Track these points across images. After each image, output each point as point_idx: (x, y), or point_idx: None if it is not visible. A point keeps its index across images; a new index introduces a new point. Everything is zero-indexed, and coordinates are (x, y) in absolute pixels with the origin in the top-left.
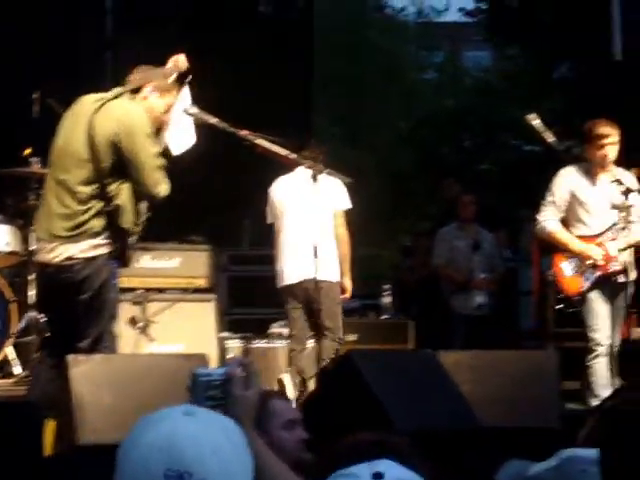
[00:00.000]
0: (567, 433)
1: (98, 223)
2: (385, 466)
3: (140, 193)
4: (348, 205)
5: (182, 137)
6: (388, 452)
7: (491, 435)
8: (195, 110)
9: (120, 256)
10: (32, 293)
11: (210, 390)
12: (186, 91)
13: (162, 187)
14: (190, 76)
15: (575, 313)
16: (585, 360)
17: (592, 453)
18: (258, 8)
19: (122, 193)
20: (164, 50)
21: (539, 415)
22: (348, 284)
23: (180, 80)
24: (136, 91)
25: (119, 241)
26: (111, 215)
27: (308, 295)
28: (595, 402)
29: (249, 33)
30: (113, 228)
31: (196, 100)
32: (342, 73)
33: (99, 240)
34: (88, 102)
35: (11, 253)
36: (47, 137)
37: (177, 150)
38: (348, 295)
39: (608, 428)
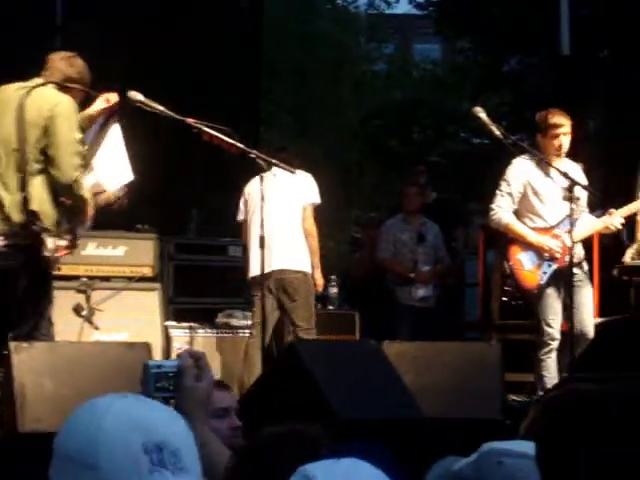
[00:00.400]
0: (510, 425)
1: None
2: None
3: (56, 182)
4: (317, 200)
5: (116, 172)
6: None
7: (433, 426)
8: (141, 98)
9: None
10: None
11: (161, 381)
12: (117, 128)
13: (76, 173)
14: (119, 114)
15: (519, 306)
16: (538, 354)
17: (513, 445)
18: None
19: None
20: (112, 36)
21: (482, 406)
22: (319, 277)
23: (111, 116)
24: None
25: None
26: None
27: (279, 287)
28: None
29: (198, 19)
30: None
31: (142, 87)
32: (293, 62)
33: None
34: (12, 90)
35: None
36: None
37: (111, 185)
38: (320, 288)
39: (548, 420)
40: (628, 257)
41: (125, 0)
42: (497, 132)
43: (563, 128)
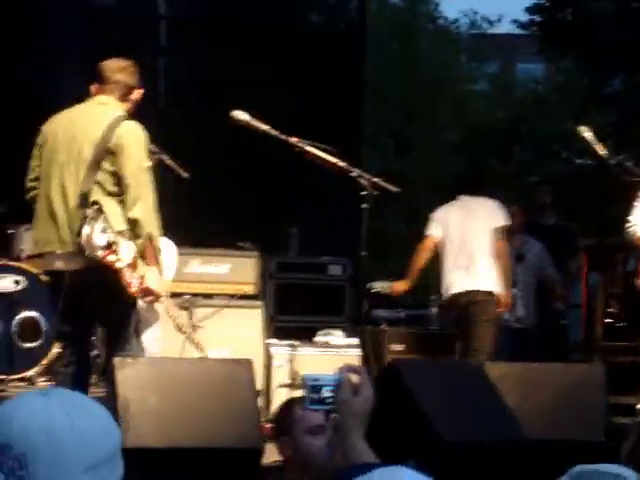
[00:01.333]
0: (613, 448)
1: None
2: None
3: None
4: (506, 222)
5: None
6: None
7: (536, 447)
8: (246, 117)
9: None
10: None
11: (318, 393)
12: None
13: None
14: None
15: (623, 328)
16: None
17: (605, 467)
18: (310, 18)
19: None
20: (215, 57)
21: (585, 428)
22: (506, 296)
23: None
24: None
25: None
26: None
27: (467, 306)
28: None
29: (300, 42)
30: None
31: (248, 108)
32: (394, 83)
33: None
34: (80, 109)
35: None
36: None
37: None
38: (507, 308)
39: None
40: None
41: (229, 22)
42: (602, 152)
43: None
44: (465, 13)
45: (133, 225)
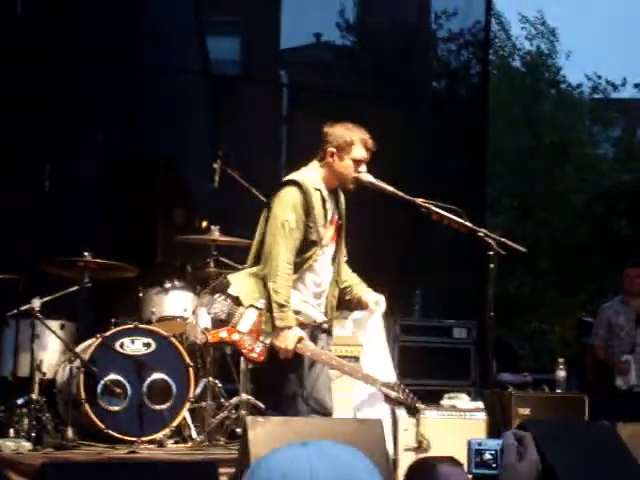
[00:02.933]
0: None
1: None
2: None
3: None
4: None
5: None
6: None
7: None
8: (371, 179)
9: None
10: (209, 359)
11: (482, 457)
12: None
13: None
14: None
15: None
16: None
17: None
18: (433, 84)
19: None
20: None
21: None
22: None
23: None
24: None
25: None
26: None
27: None
28: None
29: (422, 108)
30: None
31: (372, 171)
32: (516, 146)
33: None
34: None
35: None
36: (225, 207)
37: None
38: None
39: None
40: None
41: (348, 88)
42: None
43: None
44: (589, 77)
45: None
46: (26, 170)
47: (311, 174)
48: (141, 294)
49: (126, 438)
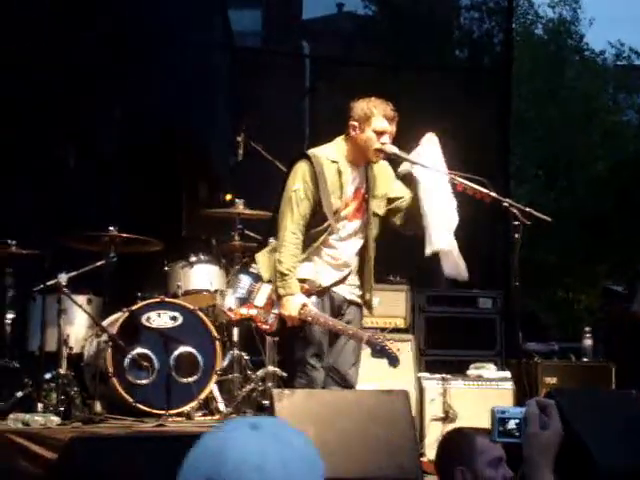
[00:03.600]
0: None
1: None
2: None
3: None
4: None
5: (447, 220)
6: None
7: None
8: (395, 150)
9: None
10: (236, 331)
11: (505, 426)
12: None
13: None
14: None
15: None
16: None
17: None
18: (454, 53)
19: None
20: (358, 94)
21: None
22: None
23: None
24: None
25: None
26: None
27: None
28: None
29: (445, 77)
30: None
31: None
32: (541, 116)
33: None
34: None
35: (215, 292)
36: (249, 180)
37: (444, 243)
38: None
39: None
40: None
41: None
42: None
43: None
44: (612, 44)
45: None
46: (51, 148)
47: (330, 148)
48: (167, 268)
49: (154, 411)
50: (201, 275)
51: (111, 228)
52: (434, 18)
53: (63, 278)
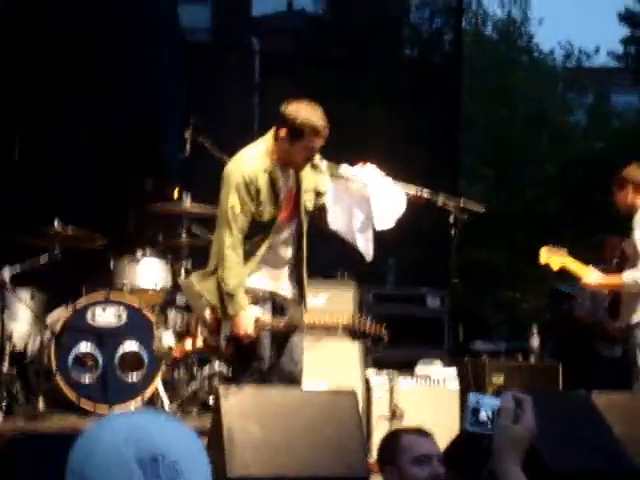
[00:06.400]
0: None
1: None
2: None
3: None
4: None
5: (386, 211)
6: None
7: None
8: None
9: None
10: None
11: (478, 416)
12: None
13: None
14: None
15: None
16: None
17: None
18: (403, 51)
19: None
20: (307, 90)
21: None
22: None
23: None
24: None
25: None
26: None
27: None
28: None
29: (394, 75)
30: None
31: (342, 142)
32: (491, 115)
33: None
34: None
35: (161, 289)
36: (197, 176)
37: (380, 226)
38: None
39: None
40: None
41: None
42: None
43: None
44: (561, 45)
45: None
46: None
47: (260, 152)
48: (112, 264)
49: (98, 409)
50: (147, 272)
51: (56, 223)
52: (383, 16)
53: (6, 273)
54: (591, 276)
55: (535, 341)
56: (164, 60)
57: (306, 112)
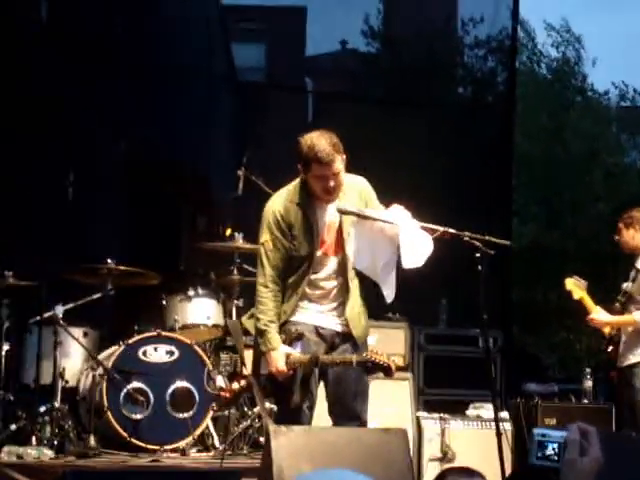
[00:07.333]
0: None
1: None
2: None
3: None
4: None
5: (415, 249)
6: None
7: None
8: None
9: None
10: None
11: (544, 450)
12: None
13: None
14: None
15: None
16: None
17: None
18: (457, 91)
19: None
20: (359, 130)
21: None
22: None
23: None
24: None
25: None
26: None
27: None
28: None
29: (447, 115)
30: None
31: (396, 183)
32: (544, 154)
33: None
34: None
35: (213, 326)
36: (249, 214)
37: (409, 264)
38: None
39: None
40: None
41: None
42: None
43: None
44: (616, 85)
45: None
46: (48, 176)
47: (293, 187)
48: (164, 302)
49: (149, 446)
50: (199, 309)
51: (109, 260)
52: (437, 56)
53: (59, 310)
54: (599, 313)
55: (588, 383)
56: (218, 98)
57: (310, 142)
